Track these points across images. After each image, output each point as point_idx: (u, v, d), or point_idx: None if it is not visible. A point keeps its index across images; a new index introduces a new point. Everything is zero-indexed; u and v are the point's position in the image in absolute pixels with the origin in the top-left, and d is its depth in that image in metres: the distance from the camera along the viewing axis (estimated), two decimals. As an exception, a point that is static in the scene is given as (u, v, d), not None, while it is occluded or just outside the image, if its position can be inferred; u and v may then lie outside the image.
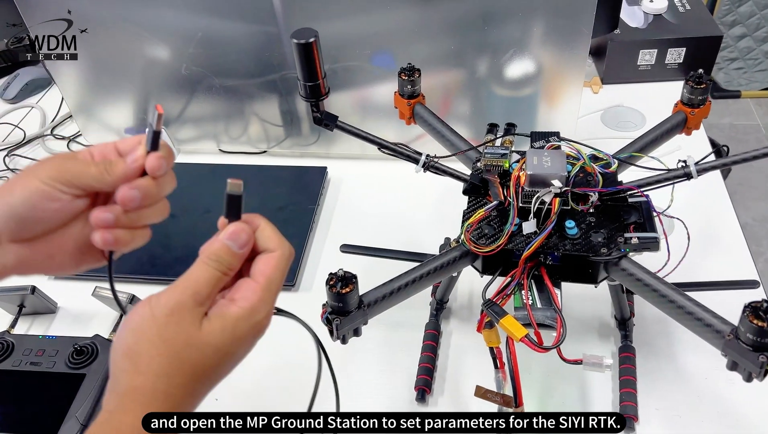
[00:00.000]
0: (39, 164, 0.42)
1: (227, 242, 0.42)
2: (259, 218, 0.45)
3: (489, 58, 0.94)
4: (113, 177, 0.42)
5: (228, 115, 1.06)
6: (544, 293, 0.62)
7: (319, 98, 0.60)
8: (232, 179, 0.42)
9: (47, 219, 0.42)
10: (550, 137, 0.68)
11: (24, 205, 0.41)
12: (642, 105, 1.08)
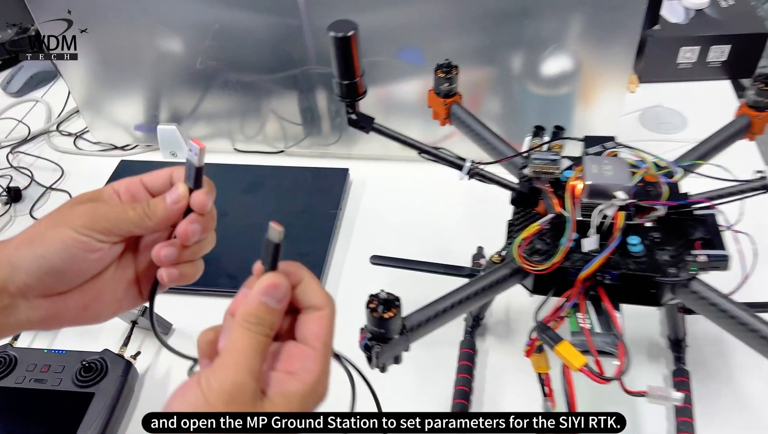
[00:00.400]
0: (68, 211, 0.39)
1: (264, 298, 0.36)
2: (301, 270, 0.39)
3: (524, 54, 0.87)
4: (155, 221, 0.40)
5: (244, 112, 1.00)
6: (602, 316, 0.56)
7: (356, 98, 0.54)
8: (275, 223, 0.36)
9: (85, 270, 0.40)
10: (606, 142, 0.62)
11: (61, 258, 0.38)
12: (682, 106, 1.02)
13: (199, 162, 0.40)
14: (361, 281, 0.82)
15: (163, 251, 0.41)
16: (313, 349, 0.37)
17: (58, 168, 1.04)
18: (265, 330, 0.36)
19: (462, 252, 0.83)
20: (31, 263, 0.38)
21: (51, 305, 0.39)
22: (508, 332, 0.75)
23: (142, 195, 0.43)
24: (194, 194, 0.41)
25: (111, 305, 0.42)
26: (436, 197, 0.93)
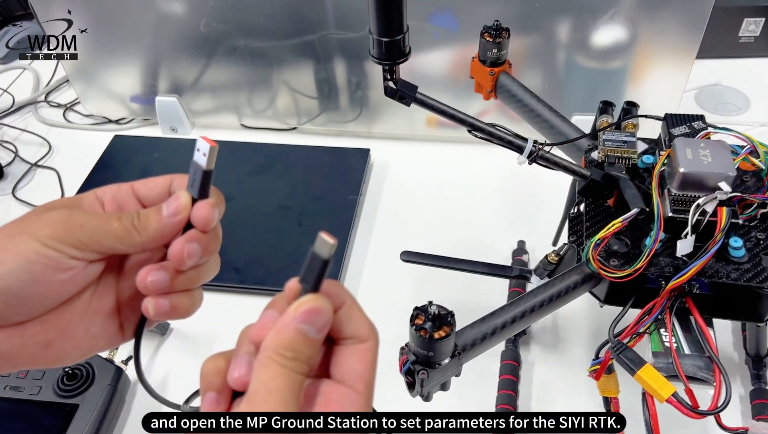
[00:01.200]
0: (35, 218, 0.30)
1: (302, 326, 0.27)
2: (343, 291, 0.30)
3: (574, 20, 0.77)
4: (144, 237, 0.32)
5: (252, 83, 0.89)
6: (691, 334, 0.46)
7: (398, 60, 0.44)
8: (326, 235, 0.27)
9: (51, 295, 0.31)
10: (694, 122, 0.51)
11: (19, 278, 0.29)
12: (744, 85, 0.91)
13: (208, 165, 0.31)
14: (385, 278, 0.72)
15: (150, 276, 0.32)
16: (355, 392, 0.28)
17: (46, 143, 0.93)
18: (301, 367, 0.27)
19: (500, 245, 0.73)
20: None
21: (5, 339, 0.30)
22: (556, 341, 0.65)
23: (132, 206, 0.34)
24: (197, 206, 0.32)
25: (82, 342, 0.33)
26: (468, 182, 0.82)
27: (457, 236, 0.76)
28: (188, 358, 0.66)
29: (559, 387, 0.61)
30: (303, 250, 0.33)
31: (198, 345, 0.68)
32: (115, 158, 0.87)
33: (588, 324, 0.66)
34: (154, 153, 0.88)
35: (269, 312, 0.28)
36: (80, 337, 0.32)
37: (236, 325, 0.29)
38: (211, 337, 0.68)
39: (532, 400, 0.61)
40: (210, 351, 0.68)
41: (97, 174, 0.85)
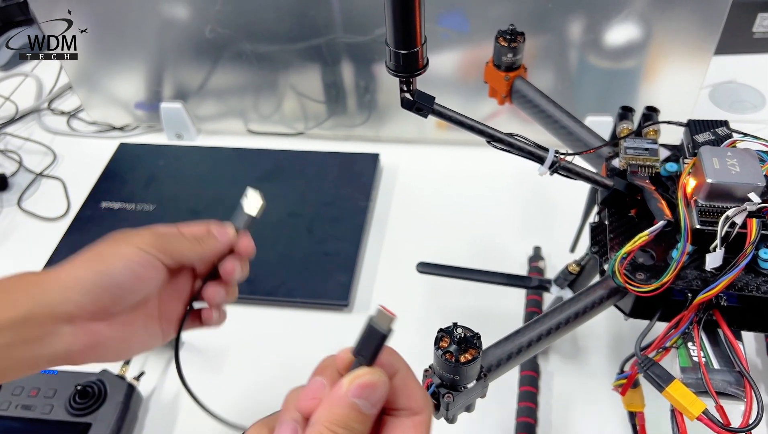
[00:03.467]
0: (124, 235, 0.41)
1: (357, 401, 0.26)
2: (398, 360, 0.29)
3: (586, 20, 0.75)
4: (207, 252, 0.43)
5: (259, 88, 0.88)
6: (719, 348, 0.45)
7: (415, 72, 0.42)
8: (386, 309, 0.27)
9: (140, 289, 0.40)
10: (718, 128, 0.50)
11: (124, 273, 0.39)
12: (760, 81, 0.90)
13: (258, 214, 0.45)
14: (398, 288, 0.71)
15: (215, 289, 0.44)
16: None
17: (50, 152, 0.92)
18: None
19: (515, 251, 0.72)
20: (88, 281, 0.37)
21: (95, 333, 0.38)
22: (575, 351, 0.64)
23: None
24: (241, 237, 0.45)
25: (141, 341, 0.42)
26: (480, 185, 0.81)
27: (470, 241, 0.75)
28: (202, 371, 0.66)
29: (580, 398, 0.60)
30: (314, 258, 0.39)
31: (210, 357, 0.67)
32: (121, 167, 0.86)
33: (607, 334, 0.65)
34: (159, 161, 0.86)
35: (318, 380, 0.28)
36: (140, 336, 0.42)
37: (248, 336, 0.28)
38: (223, 349, 0.67)
39: (552, 412, 0.60)
40: (223, 363, 0.69)
41: (104, 183, 0.83)
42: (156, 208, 0.80)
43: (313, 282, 0.70)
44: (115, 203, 0.80)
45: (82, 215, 0.80)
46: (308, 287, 0.70)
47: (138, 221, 0.78)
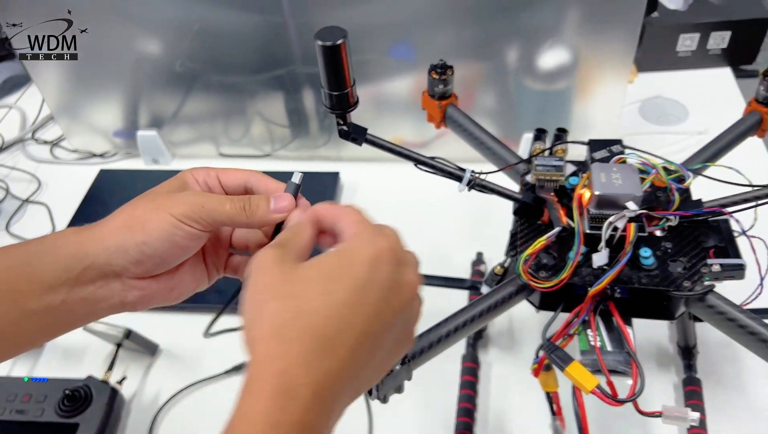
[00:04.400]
0: (166, 198, 0.40)
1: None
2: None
3: (520, 48, 0.84)
4: (251, 220, 0.41)
5: (228, 115, 0.96)
6: (614, 333, 0.53)
7: (347, 109, 0.50)
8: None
9: (182, 256, 0.40)
10: (613, 146, 0.58)
11: (163, 245, 0.39)
12: (683, 96, 0.99)
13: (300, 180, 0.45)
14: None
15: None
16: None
17: (35, 179, 0.99)
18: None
19: (462, 259, 0.80)
20: (130, 249, 0.38)
21: (145, 287, 0.40)
22: (512, 343, 0.72)
23: (217, 190, 0.44)
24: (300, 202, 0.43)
25: (190, 286, 0.43)
26: (432, 200, 0.89)
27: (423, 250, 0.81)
28: (179, 377, 0.72)
29: (514, 384, 0.68)
30: None
31: (187, 363, 0.74)
32: (101, 192, 0.93)
33: (539, 327, 0.73)
34: (137, 185, 0.93)
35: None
36: (188, 282, 0.43)
37: (222, 344, 0.34)
38: (198, 356, 0.74)
39: (490, 397, 0.68)
40: (199, 369, 0.76)
41: (86, 207, 0.91)
42: (135, 228, 0.87)
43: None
44: (96, 225, 0.87)
45: (67, 237, 0.87)
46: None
47: (118, 240, 0.85)
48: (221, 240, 0.46)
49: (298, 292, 0.33)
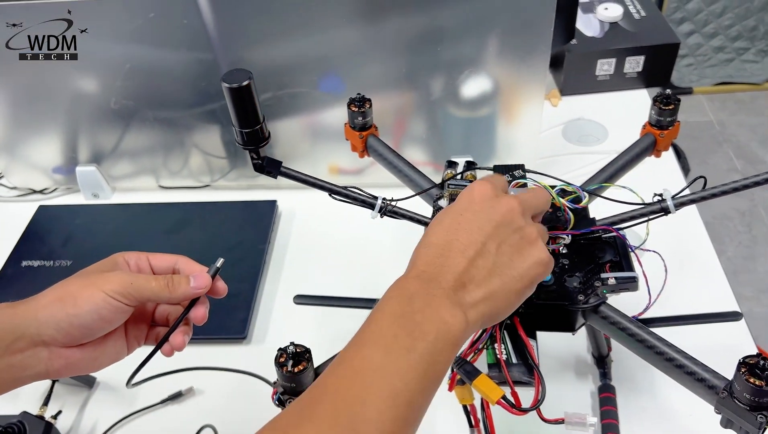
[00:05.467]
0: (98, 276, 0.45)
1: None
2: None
3: (443, 79, 0.88)
4: (174, 296, 0.47)
5: (166, 148, 0.98)
6: (519, 346, 0.56)
7: (260, 144, 0.53)
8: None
9: (108, 327, 0.46)
10: (515, 171, 0.62)
11: (92, 318, 0.44)
12: (603, 117, 1.05)
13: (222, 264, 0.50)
14: (292, 318, 0.81)
15: (179, 338, 0.50)
16: None
17: (-27, 217, 0.99)
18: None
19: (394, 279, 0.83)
20: (61, 321, 0.43)
21: (70, 355, 0.45)
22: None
23: (146, 271, 0.49)
24: (216, 283, 0.50)
25: (111, 355, 0.48)
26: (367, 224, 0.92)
27: (358, 275, 0.86)
28: (116, 409, 0.73)
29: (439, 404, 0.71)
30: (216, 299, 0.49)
31: (124, 396, 0.75)
32: (40, 228, 0.94)
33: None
34: (76, 220, 0.95)
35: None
36: (110, 352, 0.48)
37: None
38: (135, 388, 0.75)
39: (417, 414, 0.70)
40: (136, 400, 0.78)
41: (24, 244, 0.91)
42: (73, 263, 0.88)
43: (215, 320, 0.79)
44: (34, 262, 0.88)
45: (4, 274, 0.87)
46: (210, 325, 0.78)
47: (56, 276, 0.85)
48: (145, 315, 0.51)
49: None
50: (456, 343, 0.39)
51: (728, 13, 2.29)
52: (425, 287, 0.39)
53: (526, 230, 0.44)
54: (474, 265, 0.41)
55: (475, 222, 0.42)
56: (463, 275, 0.40)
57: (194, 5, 0.80)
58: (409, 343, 0.37)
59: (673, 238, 0.83)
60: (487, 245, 0.42)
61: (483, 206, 0.43)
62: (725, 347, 0.73)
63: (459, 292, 0.40)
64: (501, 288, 0.42)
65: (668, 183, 0.71)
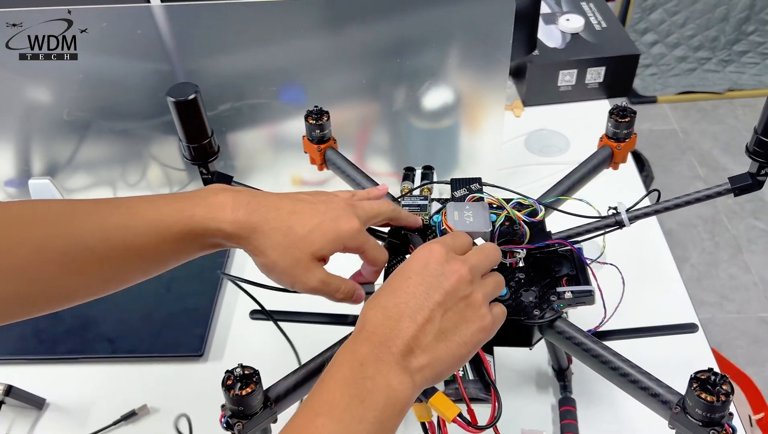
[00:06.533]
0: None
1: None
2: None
3: (405, 90, 0.88)
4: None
5: (124, 159, 0.96)
6: (476, 363, 0.56)
7: (209, 159, 0.52)
8: None
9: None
10: (472, 184, 0.62)
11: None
12: (565, 127, 1.06)
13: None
14: (251, 335, 0.79)
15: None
16: None
17: None
18: None
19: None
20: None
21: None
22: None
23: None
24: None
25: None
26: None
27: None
28: (67, 431, 0.71)
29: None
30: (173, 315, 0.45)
31: (74, 417, 0.72)
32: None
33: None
34: (29, 235, 0.92)
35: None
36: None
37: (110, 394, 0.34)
38: (87, 407, 0.73)
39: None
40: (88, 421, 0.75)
41: (-27, 260, 0.88)
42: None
43: (171, 337, 0.77)
44: (-17, 278, 0.85)
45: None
46: (166, 342, 0.77)
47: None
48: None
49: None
50: (403, 409, 0.41)
51: (690, 23, 2.34)
52: (375, 352, 0.41)
53: (472, 297, 0.45)
54: (422, 331, 0.42)
55: (425, 287, 0.44)
56: (412, 341, 0.42)
57: (149, 15, 0.78)
58: (360, 413, 0.38)
59: (633, 249, 0.83)
60: (435, 311, 0.43)
61: (434, 271, 0.44)
62: (684, 357, 0.73)
63: (407, 357, 0.41)
64: (446, 353, 0.43)
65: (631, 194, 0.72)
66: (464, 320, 0.44)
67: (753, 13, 2.32)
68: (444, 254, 0.46)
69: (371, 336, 0.42)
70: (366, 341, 0.42)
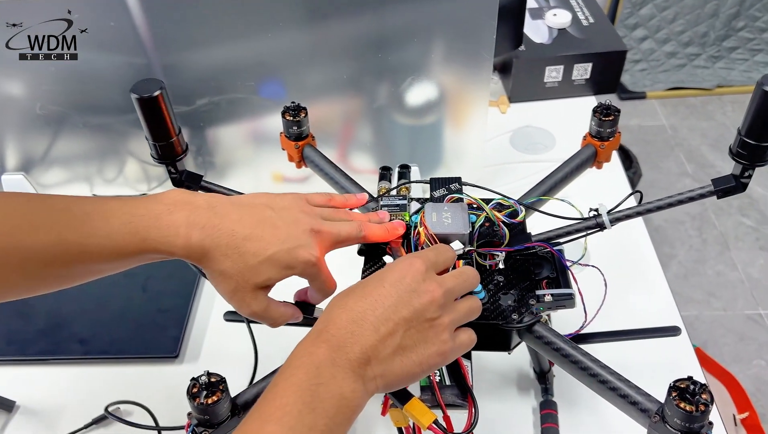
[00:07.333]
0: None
1: None
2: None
3: (388, 85, 0.86)
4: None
5: (101, 155, 0.93)
6: (453, 368, 0.54)
7: (176, 158, 0.50)
8: None
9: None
10: (452, 184, 0.60)
11: None
12: (551, 124, 1.04)
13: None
14: (227, 335, 0.77)
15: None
16: None
17: None
18: None
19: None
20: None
21: None
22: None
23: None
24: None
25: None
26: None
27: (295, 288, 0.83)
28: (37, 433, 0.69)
29: (377, 419, 0.69)
30: (148, 315, 0.43)
31: (45, 419, 0.71)
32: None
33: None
34: (1, 232, 0.89)
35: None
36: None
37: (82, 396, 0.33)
38: (58, 410, 0.71)
39: (356, 433, 0.68)
40: (59, 424, 0.73)
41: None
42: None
43: (146, 337, 0.76)
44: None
45: None
46: (141, 343, 0.75)
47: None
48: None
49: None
50: (353, 416, 0.42)
51: (680, 19, 2.33)
52: (332, 356, 0.41)
53: (438, 320, 0.45)
54: (383, 343, 0.42)
55: (395, 300, 0.43)
56: (370, 350, 0.42)
57: (123, 7, 0.76)
58: (311, 420, 0.38)
59: (617, 249, 0.82)
60: (399, 325, 0.43)
61: (408, 287, 0.44)
62: (667, 359, 0.72)
63: (363, 366, 0.42)
64: (400, 368, 0.43)
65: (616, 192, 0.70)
66: (424, 340, 0.44)
67: (743, 9, 2.32)
68: (423, 271, 0.45)
69: (331, 338, 0.42)
70: (325, 343, 0.42)
